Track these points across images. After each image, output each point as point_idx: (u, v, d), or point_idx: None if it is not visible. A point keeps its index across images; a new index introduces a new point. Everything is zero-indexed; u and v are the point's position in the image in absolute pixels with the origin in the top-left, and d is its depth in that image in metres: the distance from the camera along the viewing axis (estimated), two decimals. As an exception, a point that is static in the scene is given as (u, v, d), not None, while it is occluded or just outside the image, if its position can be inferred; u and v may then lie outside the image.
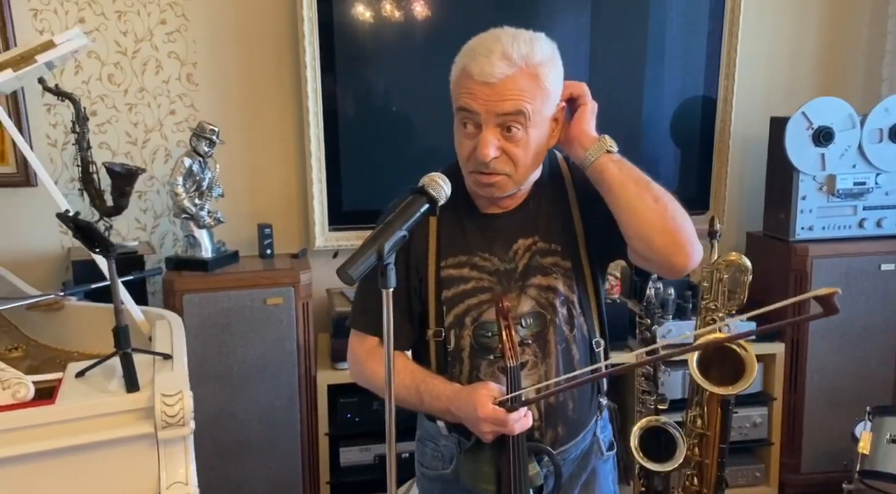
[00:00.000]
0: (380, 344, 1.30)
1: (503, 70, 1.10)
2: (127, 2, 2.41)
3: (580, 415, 1.29)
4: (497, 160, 1.16)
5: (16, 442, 1.18)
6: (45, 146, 2.40)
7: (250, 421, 2.27)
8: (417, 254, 1.27)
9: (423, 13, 2.48)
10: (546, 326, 1.24)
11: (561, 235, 1.27)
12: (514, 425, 1.13)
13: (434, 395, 1.22)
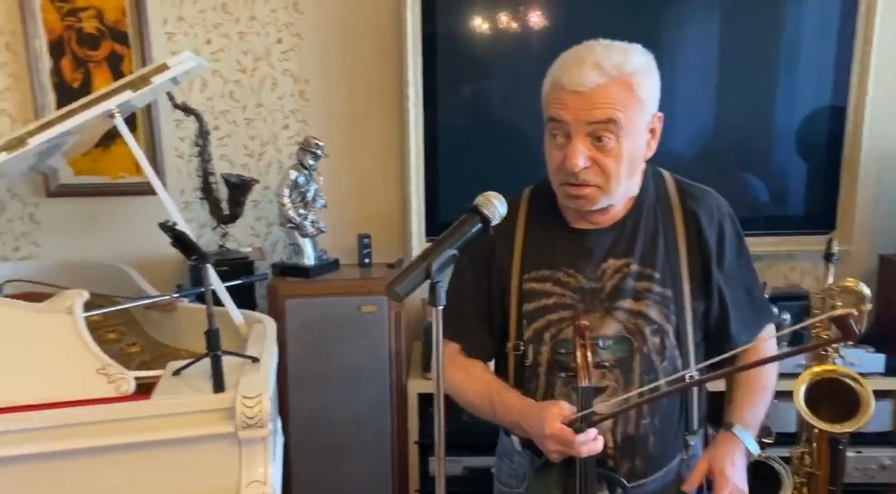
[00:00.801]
0: (461, 352, 1.32)
1: (594, 79, 1.09)
2: (248, 24, 2.59)
3: (662, 450, 1.24)
4: (587, 171, 1.14)
5: (112, 433, 1.30)
6: (173, 158, 2.62)
7: (344, 425, 2.35)
8: (501, 265, 1.27)
9: (525, 26, 2.47)
10: (632, 353, 1.20)
11: (661, 261, 1.22)
12: (580, 447, 1.10)
13: (506, 407, 1.22)
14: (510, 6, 2.45)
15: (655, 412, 1.21)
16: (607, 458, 1.19)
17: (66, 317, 1.37)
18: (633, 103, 1.12)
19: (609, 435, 1.19)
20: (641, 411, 1.20)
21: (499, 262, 1.27)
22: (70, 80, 2.54)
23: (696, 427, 1.29)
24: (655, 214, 1.25)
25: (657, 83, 1.18)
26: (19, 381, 1.32)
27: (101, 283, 2.19)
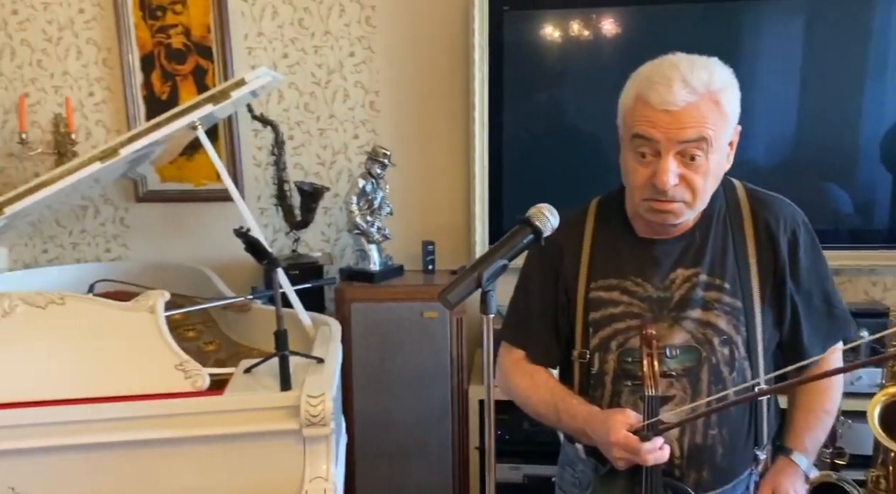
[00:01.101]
0: (525, 358, 1.35)
1: (685, 97, 1.09)
2: (323, 38, 2.70)
3: (731, 463, 1.22)
4: (676, 187, 1.14)
5: (187, 426, 1.40)
6: (251, 166, 2.76)
7: (406, 427, 2.40)
8: (567, 273, 1.29)
9: (591, 35, 2.47)
10: (700, 363, 1.19)
11: (731, 271, 1.22)
12: (646, 455, 1.11)
13: (571, 414, 1.24)
14: (577, 16, 2.45)
15: (724, 423, 1.20)
16: (674, 468, 1.19)
17: (148, 316, 1.47)
18: (720, 120, 1.12)
19: (676, 445, 1.19)
20: (709, 421, 1.19)
21: (566, 271, 1.29)
22: (159, 93, 2.71)
23: (766, 441, 1.27)
24: (725, 224, 1.24)
25: (738, 96, 1.17)
26: (104, 374, 1.43)
27: (183, 284, 2.33)
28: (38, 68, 2.70)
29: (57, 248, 2.81)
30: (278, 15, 2.69)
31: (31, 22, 2.68)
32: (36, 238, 2.79)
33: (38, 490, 1.39)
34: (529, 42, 2.51)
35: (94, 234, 2.80)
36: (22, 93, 2.67)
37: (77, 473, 1.39)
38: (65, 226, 2.79)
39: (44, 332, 1.43)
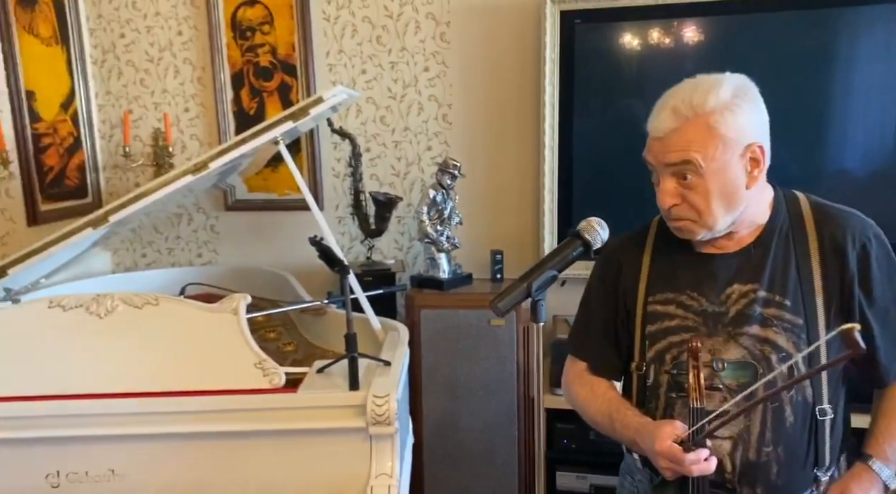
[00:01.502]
0: (587, 370, 1.39)
1: (668, 124, 1.15)
2: (399, 54, 2.81)
3: (786, 483, 1.21)
4: (678, 207, 1.19)
5: (263, 420, 1.51)
6: (330, 177, 2.90)
7: (473, 432, 2.46)
8: (627, 288, 1.32)
9: (660, 48, 2.47)
10: (756, 380, 1.19)
11: (792, 288, 1.21)
12: (690, 466, 1.12)
13: (624, 424, 1.27)
14: (648, 28, 2.46)
15: (779, 441, 1.19)
16: (726, 482, 1.20)
17: (231, 317, 1.60)
18: (713, 142, 1.14)
19: (728, 460, 1.20)
20: (763, 439, 1.19)
21: (625, 285, 1.32)
22: (247, 108, 2.89)
23: (828, 463, 1.24)
24: (788, 239, 1.24)
25: (750, 116, 1.17)
26: (191, 370, 1.56)
27: (266, 288, 2.48)
28: (140, 86, 2.94)
29: (154, 253, 3.03)
30: (357, 33, 2.82)
31: (136, 44, 2.92)
32: (136, 243, 3.02)
33: (133, 473, 1.53)
34: (600, 54, 2.53)
35: (188, 240, 3.01)
36: (126, 110, 2.91)
37: (166, 458, 1.52)
38: (161, 232, 3.01)
39: (140, 330, 1.58)
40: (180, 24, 2.89)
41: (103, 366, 1.55)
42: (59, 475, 1.52)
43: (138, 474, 1.53)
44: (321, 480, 1.54)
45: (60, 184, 2.76)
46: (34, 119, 2.62)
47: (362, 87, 2.83)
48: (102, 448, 1.52)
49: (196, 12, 2.87)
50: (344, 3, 2.81)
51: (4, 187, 2.48)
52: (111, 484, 1.53)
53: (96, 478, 1.53)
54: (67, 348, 1.56)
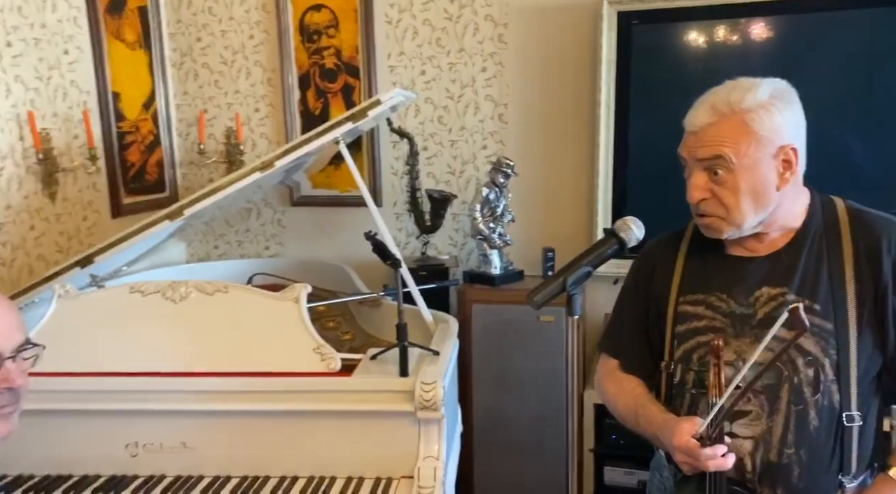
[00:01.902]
0: (619, 367, 1.44)
1: (704, 119, 1.19)
2: (457, 55, 2.89)
3: (808, 486, 1.22)
4: (707, 202, 1.22)
5: (319, 401, 1.62)
6: (389, 175, 3.01)
7: (522, 425, 2.52)
8: (659, 289, 1.36)
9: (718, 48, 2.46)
10: (780, 382, 1.21)
11: (824, 293, 1.22)
12: (706, 461, 1.14)
13: (648, 420, 1.30)
14: (706, 29, 2.46)
15: (801, 443, 1.20)
16: (746, 481, 1.22)
17: (293, 305, 1.72)
18: (746, 139, 1.17)
19: (748, 459, 1.21)
20: (785, 440, 1.20)
21: (657, 286, 1.35)
22: (313, 109, 3.03)
23: (855, 470, 1.23)
24: (821, 244, 1.24)
25: (787, 117, 1.19)
26: (255, 352, 1.69)
27: (327, 279, 2.61)
28: (215, 88, 3.12)
29: (225, 245, 3.22)
30: (418, 35, 2.91)
31: (211, 48, 3.10)
32: (209, 235, 3.21)
33: (202, 447, 1.67)
34: (657, 54, 2.55)
35: (256, 233, 3.18)
36: (201, 110, 3.10)
37: (232, 434, 1.66)
38: (232, 225, 3.19)
39: (210, 315, 1.72)
40: (252, 28, 3.05)
41: (177, 347, 1.70)
42: (137, 445, 1.68)
43: (206, 447, 1.67)
44: (372, 460, 1.64)
45: (141, 179, 2.96)
46: (119, 118, 2.83)
47: (421, 88, 2.93)
48: (175, 422, 1.66)
49: (267, 17, 3.03)
50: (406, 7, 2.91)
51: (92, 181, 2.70)
52: (182, 456, 1.67)
53: (169, 450, 1.67)
54: (145, 330, 1.72)
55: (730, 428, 1.21)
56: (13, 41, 2.36)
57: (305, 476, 1.64)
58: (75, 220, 2.64)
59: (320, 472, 1.65)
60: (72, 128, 2.59)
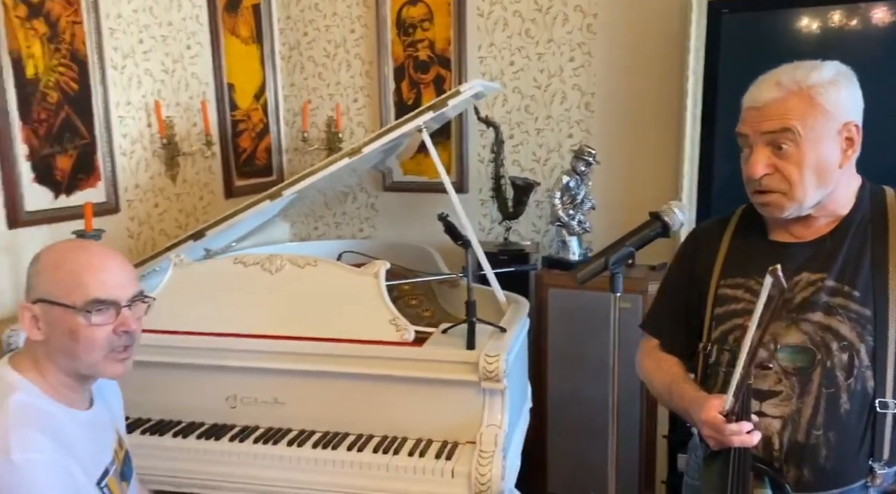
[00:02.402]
0: (658, 346, 1.50)
1: (770, 94, 1.20)
2: (546, 45, 2.96)
3: (835, 468, 1.23)
4: (770, 177, 1.23)
5: (393, 367, 1.77)
6: (475, 162, 3.13)
7: (595, 408, 2.58)
8: (702, 271, 1.39)
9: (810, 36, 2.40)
10: (813, 365, 1.23)
11: (864, 280, 1.23)
12: (731, 436, 1.18)
13: (680, 396, 1.35)
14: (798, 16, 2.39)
15: (831, 426, 1.22)
16: (773, 460, 1.24)
17: (373, 280, 1.88)
18: (812, 112, 1.18)
19: (776, 438, 1.24)
20: (814, 422, 1.22)
21: (699, 270, 1.39)
22: (406, 99, 3.20)
23: (887, 456, 1.22)
24: (866, 232, 1.25)
25: (851, 94, 1.21)
26: (338, 320, 1.86)
27: (412, 260, 2.76)
28: (318, 79, 3.35)
29: (324, 226, 3.46)
30: (508, 26, 3.00)
31: (316, 42, 3.33)
32: (310, 217, 3.46)
33: (291, 402, 1.87)
34: (747, 44, 2.50)
35: (351, 216, 3.40)
36: (306, 100, 3.34)
37: (316, 392, 1.84)
38: (330, 208, 3.42)
39: (301, 285, 1.91)
40: (353, 22, 3.25)
41: (271, 313, 1.90)
42: (236, 398, 1.90)
43: (294, 403, 1.87)
44: (439, 424, 1.78)
45: (251, 163, 3.24)
46: (233, 108, 3.11)
47: (509, 78, 3.02)
48: (268, 379, 1.87)
49: (367, 12, 3.21)
50: None
51: (208, 165, 2.99)
52: (274, 409, 1.88)
53: (263, 404, 1.88)
54: (245, 296, 1.93)
55: (759, 408, 1.24)
56: (144, 38, 2.66)
57: (379, 436, 1.81)
58: (193, 200, 2.94)
59: (392, 433, 1.81)
60: (192, 116, 2.88)
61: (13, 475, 1.08)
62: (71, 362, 1.22)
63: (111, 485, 1.28)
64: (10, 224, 2.14)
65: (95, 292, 1.20)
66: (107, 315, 1.21)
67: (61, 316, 1.19)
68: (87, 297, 1.19)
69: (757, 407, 1.24)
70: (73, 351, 1.20)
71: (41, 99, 2.25)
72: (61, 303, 1.19)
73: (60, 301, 1.19)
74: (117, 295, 1.22)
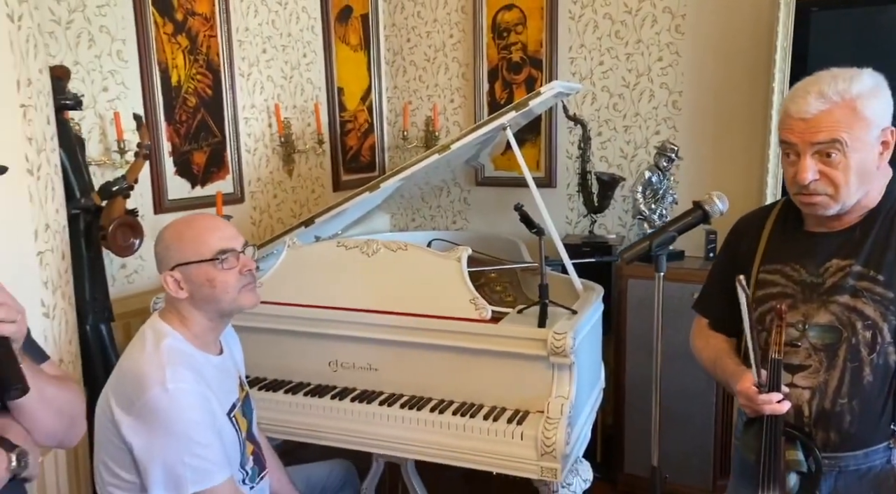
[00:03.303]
0: (708, 325, 1.63)
1: (818, 106, 1.30)
2: (635, 46, 3.07)
3: (860, 431, 1.35)
4: (817, 182, 1.34)
5: (471, 341, 1.98)
6: (564, 158, 3.28)
7: (672, 395, 2.66)
8: (743, 258, 1.52)
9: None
10: (840, 342, 1.35)
11: (889, 265, 1.34)
12: (762, 405, 1.32)
13: (723, 370, 1.51)
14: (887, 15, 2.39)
15: (855, 394, 1.34)
16: (804, 425, 1.37)
17: (455, 263, 2.09)
18: (857, 123, 1.28)
19: (806, 407, 1.37)
20: (840, 391, 1.34)
21: (742, 254, 1.52)
22: (499, 99, 3.40)
23: None
24: (892, 222, 1.36)
25: (887, 101, 1.31)
26: (424, 298, 2.08)
27: (499, 251, 2.96)
28: (418, 82, 3.61)
29: (421, 218, 3.72)
30: (598, 28, 3.14)
31: (418, 47, 3.59)
32: (408, 210, 3.73)
33: (384, 369, 2.12)
34: (835, 42, 2.52)
35: (446, 209, 3.64)
36: (406, 102, 3.61)
37: (405, 361, 2.08)
38: (427, 202, 3.68)
39: (393, 267, 2.16)
40: (452, 28, 3.48)
41: (367, 290, 2.16)
42: (337, 363, 2.18)
43: (387, 370, 2.12)
44: (512, 394, 1.97)
45: (357, 160, 3.56)
46: (341, 110, 3.43)
47: (598, 77, 3.15)
48: (364, 348, 2.13)
49: (465, 18, 3.44)
50: (588, 2, 3.14)
51: (319, 161, 3.32)
52: (369, 374, 2.14)
53: (359, 369, 2.15)
54: (345, 275, 2.20)
55: (791, 380, 1.37)
56: (267, 48, 3.02)
57: (458, 402, 2.02)
58: (306, 192, 3.28)
59: (471, 399, 2.02)
60: (306, 117, 3.22)
61: (168, 400, 1.38)
62: (214, 305, 1.52)
63: (237, 417, 1.57)
64: (156, 210, 2.54)
65: (218, 244, 1.50)
66: (231, 260, 1.51)
67: (197, 271, 1.49)
68: (213, 250, 1.50)
69: (789, 379, 1.37)
70: (214, 295, 1.51)
71: (182, 103, 2.64)
72: (195, 261, 1.49)
73: (194, 259, 1.49)
74: (233, 244, 1.53)
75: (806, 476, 1.37)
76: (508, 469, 1.88)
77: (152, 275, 2.56)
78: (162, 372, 1.40)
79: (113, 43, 2.39)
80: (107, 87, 2.37)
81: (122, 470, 1.45)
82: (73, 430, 1.23)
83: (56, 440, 1.22)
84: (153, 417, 1.39)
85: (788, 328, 1.35)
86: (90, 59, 2.32)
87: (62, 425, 1.20)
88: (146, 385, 1.39)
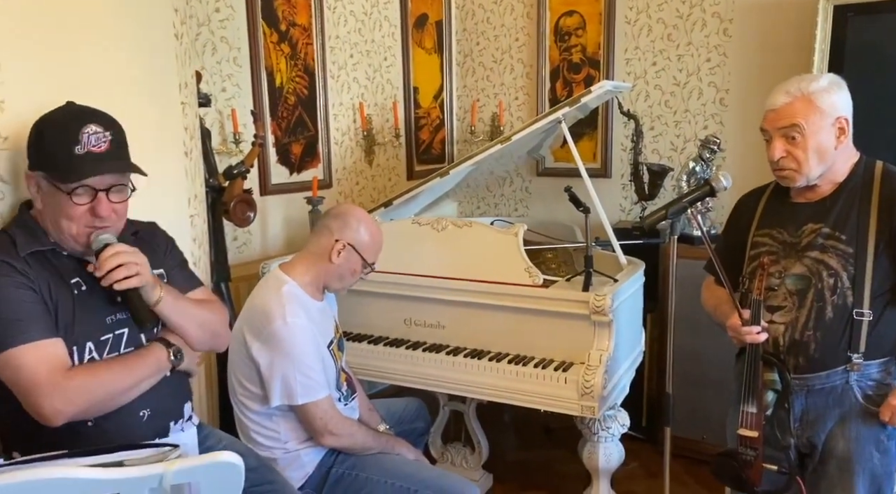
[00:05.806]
0: (713, 282, 1.97)
1: (783, 100, 1.66)
2: (685, 47, 3.34)
3: (822, 356, 1.67)
4: (784, 159, 1.69)
5: (526, 302, 2.33)
6: (619, 150, 3.58)
7: (710, 361, 2.94)
8: (743, 223, 1.87)
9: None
10: (809, 287, 1.68)
11: (851, 228, 1.66)
12: (745, 335, 1.68)
13: (720, 312, 1.86)
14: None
15: (818, 327, 1.67)
16: (779, 352, 1.70)
17: (513, 238, 2.45)
18: (813, 112, 1.62)
19: (781, 338, 1.71)
20: (807, 325, 1.67)
21: (741, 222, 1.87)
22: (559, 96, 3.72)
23: (862, 348, 1.64)
24: (855, 193, 1.68)
25: (841, 97, 1.64)
26: (486, 267, 2.45)
27: (556, 234, 3.29)
28: (486, 82, 3.98)
29: (485, 206, 4.08)
30: (652, 31, 3.42)
31: (486, 50, 3.95)
32: (473, 198, 4.10)
33: (451, 326, 2.50)
34: (872, 46, 2.72)
35: (508, 198, 3.99)
36: (475, 99, 3.98)
37: (469, 319, 2.45)
38: (491, 191, 4.04)
39: (460, 241, 2.53)
40: (518, 32, 3.83)
41: (438, 259, 2.54)
42: (411, 321, 2.57)
43: (453, 327, 2.50)
44: (559, 347, 2.31)
45: (429, 152, 3.95)
46: (416, 107, 3.84)
47: (651, 76, 3.43)
48: (434, 307, 2.51)
49: (529, 23, 3.78)
50: (643, 8, 3.43)
51: (395, 153, 3.74)
52: (438, 331, 2.52)
53: (429, 326, 2.53)
54: (419, 247, 2.59)
55: (771, 317, 1.71)
56: (354, 53, 3.45)
57: (513, 354, 2.38)
58: (384, 181, 3.70)
59: (522, 352, 2.37)
60: (385, 113, 3.64)
61: (287, 330, 1.81)
62: (332, 281, 1.98)
63: (334, 350, 1.99)
64: (261, 192, 3.00)
65: (375, 258, 2.03)
66: (368, 271, 2.03)
67: (357, 262, 1.97)
68: (372, 260, 2.02)
69: (769, 317, 1.72)
70: (341, 278, 1.98)
71: (283, 101, 3.09)
72: (363, 257, 1.97)
73: (363, 254, 1.97)
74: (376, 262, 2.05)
75: (779, 393, 1.69)
76: (554, 407, 2.23)
77: (258, 246, 3.03)
78: (283, 309, 1.82)
79: (230, 51, 2.86)
80: (225, 88, 2.85)
81: (250, 384, 1.88)
82: (217, 339, 1.64)
83: (205, 346, 1.62)
84: (275, 342, 1.81)
85: (770, 277, 1.70)
86: (213, 64, 2.79)
87: (206, 336, 1.58)
88: (271, 317, 1.82)
